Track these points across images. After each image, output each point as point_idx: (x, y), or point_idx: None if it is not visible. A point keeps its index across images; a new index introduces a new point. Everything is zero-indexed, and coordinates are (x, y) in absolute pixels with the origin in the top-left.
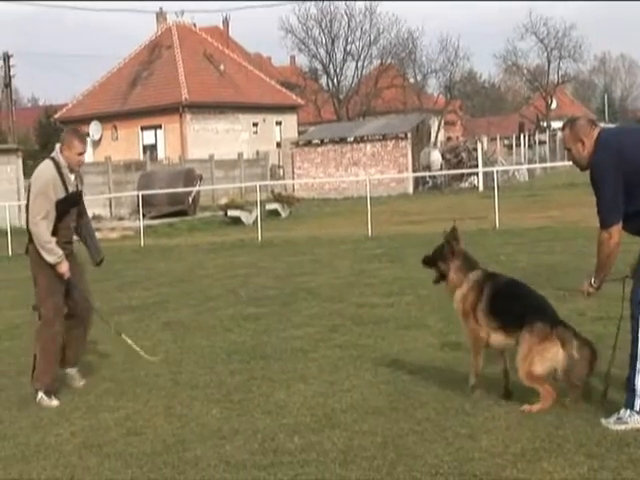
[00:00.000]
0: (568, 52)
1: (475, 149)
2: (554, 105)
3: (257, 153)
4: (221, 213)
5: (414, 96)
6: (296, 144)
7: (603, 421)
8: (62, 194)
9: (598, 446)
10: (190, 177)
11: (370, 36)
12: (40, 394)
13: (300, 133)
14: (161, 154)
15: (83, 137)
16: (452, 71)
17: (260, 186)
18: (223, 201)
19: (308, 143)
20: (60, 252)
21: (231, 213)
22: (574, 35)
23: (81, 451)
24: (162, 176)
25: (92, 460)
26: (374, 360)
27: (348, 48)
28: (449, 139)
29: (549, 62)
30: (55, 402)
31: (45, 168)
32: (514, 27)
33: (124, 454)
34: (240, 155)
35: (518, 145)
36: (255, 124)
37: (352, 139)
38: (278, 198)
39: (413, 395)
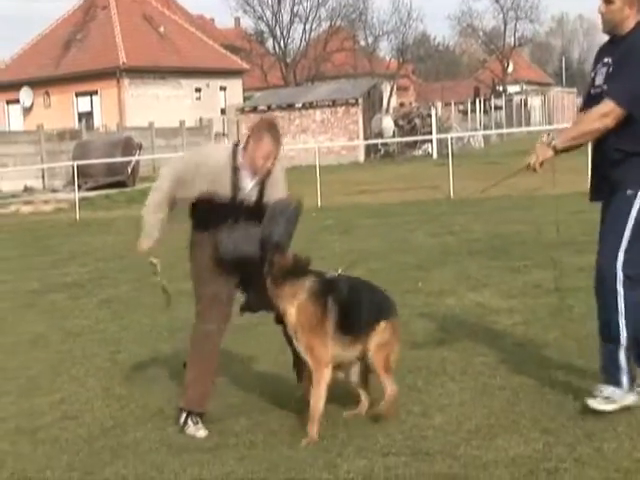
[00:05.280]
0: (525, 13)
1: (429, 115)
2: (510, 69)
3: (200, 120)
4: None
5: (365, 60)
6: (241, 111)
7: (589, 401)
8: None
9: (553, 421)
10: (129, 146)
11: None
12: (183, 416)
13: (246, 99)
14: (97, 122)
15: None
16: (405, 33)
17: None
18: None
19: (254, 109)
20: None
21: None
22: None
23: (13, 437)
24: (99, 145)
25: (25, 446)
26: None
27: (295, 9)
28: (402, 105)
29: (505, 24)
30: (202, 432)
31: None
32: None
33: (59, 439)
34: (182, 123)
35: (473, 111)
36: (198, 90)
37: (300, 105)
38: None
39: None
